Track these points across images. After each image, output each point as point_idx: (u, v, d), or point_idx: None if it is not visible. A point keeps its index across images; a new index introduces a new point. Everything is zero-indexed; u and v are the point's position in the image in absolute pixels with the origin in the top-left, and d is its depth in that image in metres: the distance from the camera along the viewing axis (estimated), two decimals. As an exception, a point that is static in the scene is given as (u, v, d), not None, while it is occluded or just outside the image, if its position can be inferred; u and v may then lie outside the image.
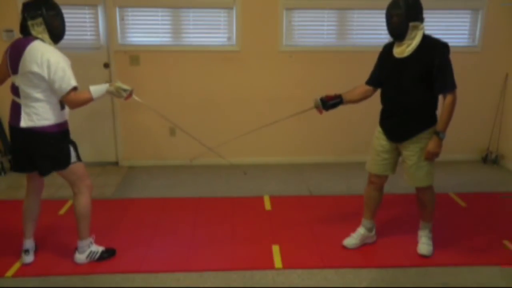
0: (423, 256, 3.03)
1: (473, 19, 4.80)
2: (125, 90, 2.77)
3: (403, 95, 2.82)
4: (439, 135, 2.79)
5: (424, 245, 3.07)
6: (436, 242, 3.20)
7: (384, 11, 2.82)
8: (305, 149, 5.02)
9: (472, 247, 3.18)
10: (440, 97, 2.84)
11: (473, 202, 3.92)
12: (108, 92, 2.77)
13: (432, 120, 2.85)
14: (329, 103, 3.00)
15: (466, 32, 4.85)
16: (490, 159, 5.00)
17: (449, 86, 2.74)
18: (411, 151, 2.88)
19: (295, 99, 3.30)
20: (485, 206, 3.86)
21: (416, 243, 3.17)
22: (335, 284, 2.77)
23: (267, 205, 3.88)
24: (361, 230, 3.16)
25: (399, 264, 2.97)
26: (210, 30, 4.70)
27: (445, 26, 4.81)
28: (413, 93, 2.79)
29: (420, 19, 2.76)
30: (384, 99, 2.97)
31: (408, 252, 3.10)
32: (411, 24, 2.73)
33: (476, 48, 4.83)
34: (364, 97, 3.04)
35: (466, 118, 5.00)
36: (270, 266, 2.95)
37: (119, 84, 2.77)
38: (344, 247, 3.14)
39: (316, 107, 3.05)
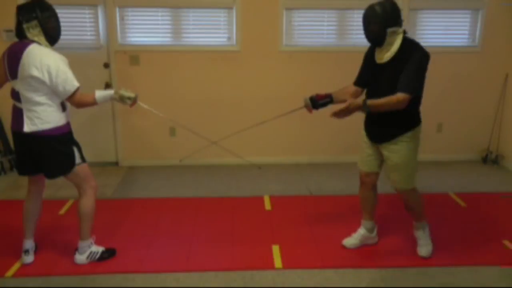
0: (423, 258, 3.03)
1: (473, 19, 4.80)
2: (129, 98, 2.78)
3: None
4: (364, 105, 2.67)
5: (423, 247, 3.06)
6: (436, 242, 3.20)
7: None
8: (305, 149, 5.02)
9: (472, 247, 3.18)
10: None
11: (473, 202, 3.92)
12: (113, 100, 2.78)
13: (412, 123, 2.82)
14: (319, 102, 2.98)
15: (466, 32, 4.85)
16: (490, 159, 5.00)
17: (407, 86, 2.63)
18: (390, 152, 2.85)
19: (295, 99, 3.30)
20: (485, 206, 3.87)
21: (415, 242, 3.17)
22: (335, 284, 2.78)
23: (267, 205, 3.88)
24: (361, 231, 3.16)
25: (399, 264, 2.97)
26: (210, 30, 4.70)
27: (445, 26, 4.81)
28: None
29: (399, 24, 2.69)
30: None
31: (408, 252, 3.10)
32: (389, 30, 2.66)
33: (476, 48, 4.83)
34: (354, 97, 3.01)
35: (466, 118, 5.01)
36: (270, 266, 2.95)
37: (123, 92, 2.77)
38: (344, 247, 3.14)
39: (306, 106, 3.04)
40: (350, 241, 3.16)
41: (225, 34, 4.71)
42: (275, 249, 3.14)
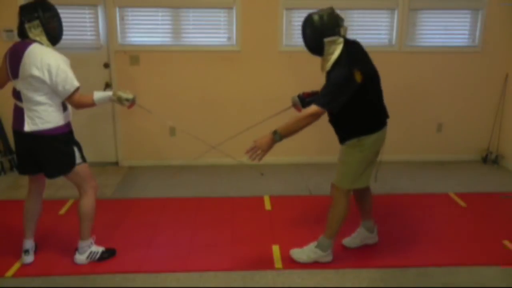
0: (292, 258, 2.97)
1: (473, 19, 4.80)
2: (127, 100, 2.77)
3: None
4: (274, 135, 2.68)
5: (301, 250, 2.97)
6: (436, 242, 3.21)
7: (383, 11, 2.81)
8: (305, 149, 5.01)
9: (472, 247, 3.18)
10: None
11: (473, 202, 3.92)
12: (111, 101, 2.77)
13: (358, 131, 2.75)
14: (307, 100, 2.98)
15: (466, 32, 4.85)
16: (490, 159, 5.00)
17: (319, 99, 2.63)
18: (341, 150, 2.88)
19: (295, 99, 3.34)
20: (485, 206, 3.86)
21: (415, 242, 3.17)
22: (335, 284, 2.78)
23: (267, 205, 3.88)
24: (360, 230, 3.16)
25: (399, 264, 2.97)
26: (210, 30, 4.70)
27: (445, 26, 4.81)
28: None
29: (337, 33, 2.65)
30: None
31: (408, 252, 3.10)
32: (325, 40, 2.64)
33: (476, 48, 4.83)
34: None
35: (466, 118, 5.01)
36: (270, 266, 2.95)
37: (121, 93, 2.76)
38: (345, 247, 3.14)
39: (294, 105, 3.04)
40: (350, 240, 3.16)
41: (225, 34, 4.71)
42: (275, 249, 3.14)
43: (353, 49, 2.71)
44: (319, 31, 2.64)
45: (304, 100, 2.99)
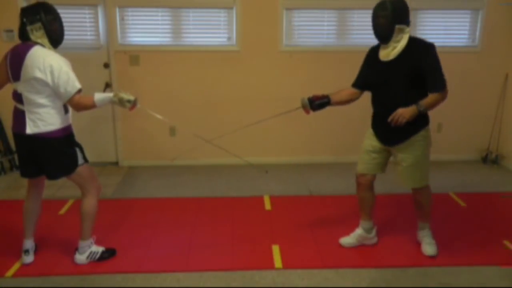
0: (430, 257, 3.02)
1: (473, 19, 4.80)
2: (129, 101, 2.73)
3: (393, 99, 2.78)
4: (419, 106, 2.72)
5: (428, 246, 3.06)
6: (436, 242, 3.20)
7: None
8: (305, 149, 5.01)
9: (472, 247, 3.18)
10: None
11: (473, 202, 3.92)
12: (112, 103, 2.74)
13: (424, 122, 2.81)
14: (315, 103, 2.99)
15: (466, 32, 4.85)
16: (490, 159, 5.00)
17: (438, 86, 2.73)
18: (407, 153, 2.86)
19: (295, 99, 3.31)
20: (485, 206, 3.87)
21: (415, 242, 3.17)
22: (335, 284, 2.78)
23: (267, 205, 3.88)
24: (358, 231, 3.16)
25: (399, 264, 2.97)
26: (210, 30, 4.70)
27: (445, 26, 4.82)
28: (402, 96, 2.75)
29: (406, 22, 2.73)
30: (375, 103, 2.96)
31: (408, 252, 3.10)
32: (396, 26, 2.70)
33: (476, 48, 4.83)
34: (351, 99, 3.02)
35: (466, 118, 5.01)
36: (270, 266, 2.95)
37: (122, 95, 2.72)
38: (341, 246, 3.15)
39: (303, 106, 3.04)
40: (347, 240, 3.16)
41: (225, 34, 4.71)
42: (275, 249, 3.14)
43: None
44: (393, 16, 2.69)
45: (313, 102, 3.00)
